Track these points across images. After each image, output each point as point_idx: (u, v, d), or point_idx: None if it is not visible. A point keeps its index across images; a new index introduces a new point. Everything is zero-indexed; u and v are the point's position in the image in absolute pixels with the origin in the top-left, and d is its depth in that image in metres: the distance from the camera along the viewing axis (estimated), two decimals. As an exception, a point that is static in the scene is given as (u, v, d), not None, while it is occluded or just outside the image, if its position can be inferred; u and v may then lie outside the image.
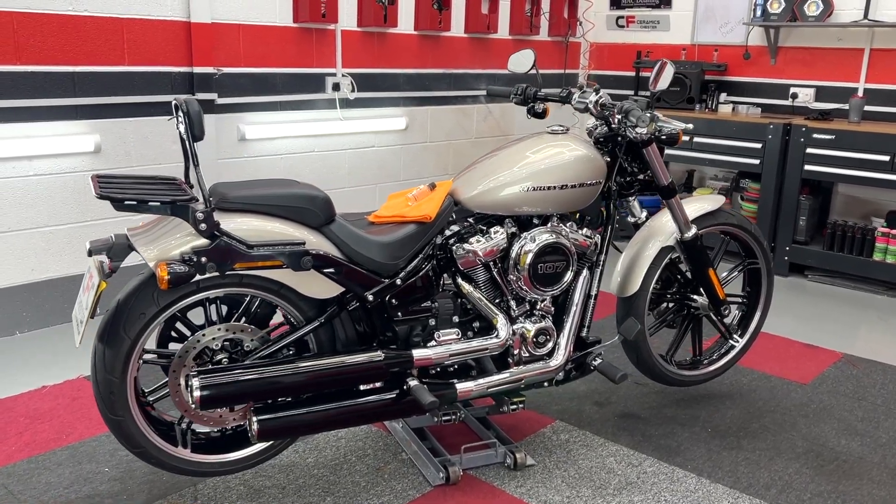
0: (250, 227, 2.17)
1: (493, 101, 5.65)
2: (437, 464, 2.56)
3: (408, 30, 5.01)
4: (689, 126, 2.79)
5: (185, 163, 2.17)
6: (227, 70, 4.15)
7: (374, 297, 2.37)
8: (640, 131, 2.62)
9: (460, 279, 2.53)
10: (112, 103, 3.78)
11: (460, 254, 2.49)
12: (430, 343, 2.46)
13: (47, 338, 3.64)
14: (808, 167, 4.86)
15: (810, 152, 4.83)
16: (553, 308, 2.68)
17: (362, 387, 2.39)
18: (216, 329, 2.26)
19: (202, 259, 2.08)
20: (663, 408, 3.11)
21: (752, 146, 5.03)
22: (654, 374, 3.05)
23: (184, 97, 2.07)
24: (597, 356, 2.74)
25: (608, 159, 2.72)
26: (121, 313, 2.12)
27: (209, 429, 2.37)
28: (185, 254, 2.07)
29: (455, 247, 2.50)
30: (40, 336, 3.66)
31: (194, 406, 2.13)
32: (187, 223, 2.08)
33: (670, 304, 3.11)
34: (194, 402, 2.12)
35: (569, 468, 2.65)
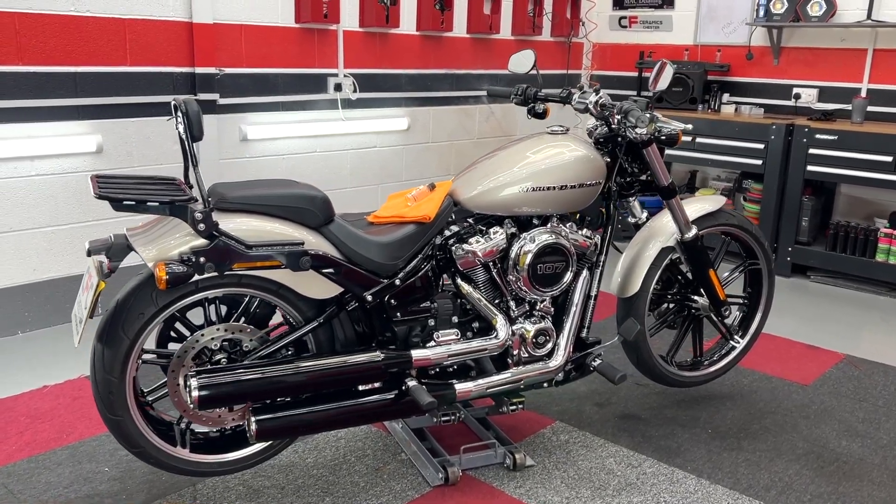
0: (249, 227, 2.17)
1: (495, 101, 5.65)
2: (436, 464, 2.56)
3: (410, 30, 5.01)
4: (689, 126, 2.79)
5: (184, 163, 2.17)
6: (229, 70, 4.16)
7: (373, 298, 2.37)
8: (639, 132, 2.62)
9: (460, 279, 2.53)
10: (114, 104, 3.79)
11: (460, 254, 2.49)
12: (430, 343, 2.46)
13: (49, 337, 3.65)
14: (811, 168, 4.85)
15: (813, 153, 4.82)
16: (553, 309, 2.68)
17: (361, 387, 2.39)
18: (215, 329, 2.26)
19: (201, 259, 2.08)
20: (664, 409, 3.11)
21: (755, 147, 5.02)
22: (654, 374, 3.04)
23: (183, 97, 2.08)
24: (596, 357, 2.74)
25: (608, 160, 2.72)
26: (120, 313, 2.12)
27: (208, 429, 2.38)
28: (183, 254, 2.07)
29: (454, 247, 2.50)
30: (42, 336, 3.67)
31: (193, 406, 2.14)
32: (186, 223, 2.09)
33: (671, 305, 3.10)
34: (192, 402, 2.13)
35: (568, 469, 2.64)
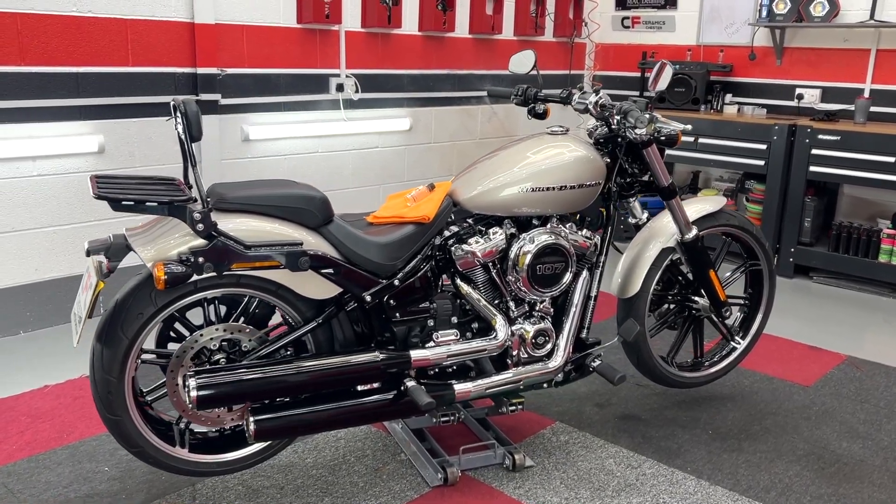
0: (248, 227, 2.18)
1: (497, 101, 5.65)
2: (435, 465, 2.56)
3: (412, 30, 5.01)
4: (688, 127, 2.78)
5: (183, 163, 2.18)
6: (230, 71, 4.16)
7: (371, 298, 2.37)
8: (638, 132, 2.61)
9: (459, 280, 2.53)
10: (116, 104, 3.79)
11: (459, 254, 2.48)
12: (429, 344, 2.46)
13: (50, 337, 3.66)
14: (814, 168, 4.84)
15: (816, 153, 4.81)
16: (552, 309, 2.67)
17: (360, 387, 2.39)
18: (214, 329, 2.26)
19: (199, 259, 2.08)
20: (664, 409, 3.10)
21: (758, 147, 5.01)
22: (654, 375, 3.04)
23: (182, 98, 2.08)
24: (596, 357, 2.73)
25: (608, 160, 2.72)
26: (119, 313, 2.13)
27: (207, 429, 2.38)
28: (182, 254, 2.08)
29: (454, 248, 2.49)
30: (43, 336, 3.68)
31: (191, 406, 2.14)
32: (185, 223, 2.09)
33: (671, 306, 3.10)
34: (191, 402, 2.13)
35: (567, 470, 2.64)
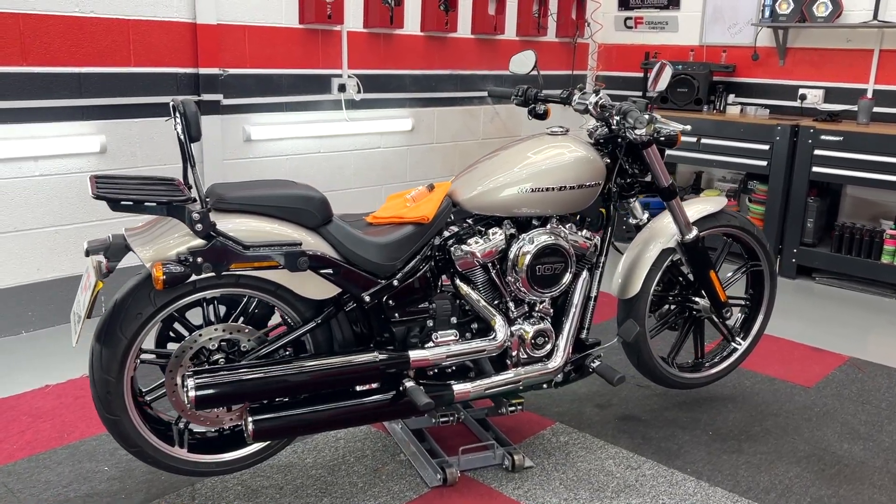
0: (247, 227, 2.18)
1: (499, 102, 5.65)
2: (434, 465, 2.56)
3: (414, 31, 5.01)
4: (688, 127, 2.78)
5: (183, 163, 2.18)
6: (232, 71, 4.17)
7: (371, 298, 2.37)
8: (638, 132, 2.61)
9: (458, 280, 2.52)
10: (118, 104, 3.80)
11: (458, 255, 2.48)
12: (428, 344, 2.46)
13: (51, 337, 3.67)
14: (816, 169, 4.82)
15: (818, 154, 4.80)
16: (552, 310, 2.67)
17: (359, 388, 2.39)
18: (213, 329, 2.26)
19: (198, 259, 2.09)
20: (664, 410, 3.10)
21: (760, 148, 5.00)
22: (655, 376, 3.03)
23: (181, 98, 2.08)
24: (596, 358, 2.73)
25: (608, 161, 2.71)
26: (118, 313, 2.13)
27: (206, 429, 2.38)
28: (181, 254, 2.08)
29: (453, 248, 2.49)
30: (45, 335, 3.69)
31: (190, 406, 2.15)
32: (184, 224, 2.09)
33: (672, 307, 3.09)
34: (190, 402, 2.13)
35: (567, 470, 2.64)
